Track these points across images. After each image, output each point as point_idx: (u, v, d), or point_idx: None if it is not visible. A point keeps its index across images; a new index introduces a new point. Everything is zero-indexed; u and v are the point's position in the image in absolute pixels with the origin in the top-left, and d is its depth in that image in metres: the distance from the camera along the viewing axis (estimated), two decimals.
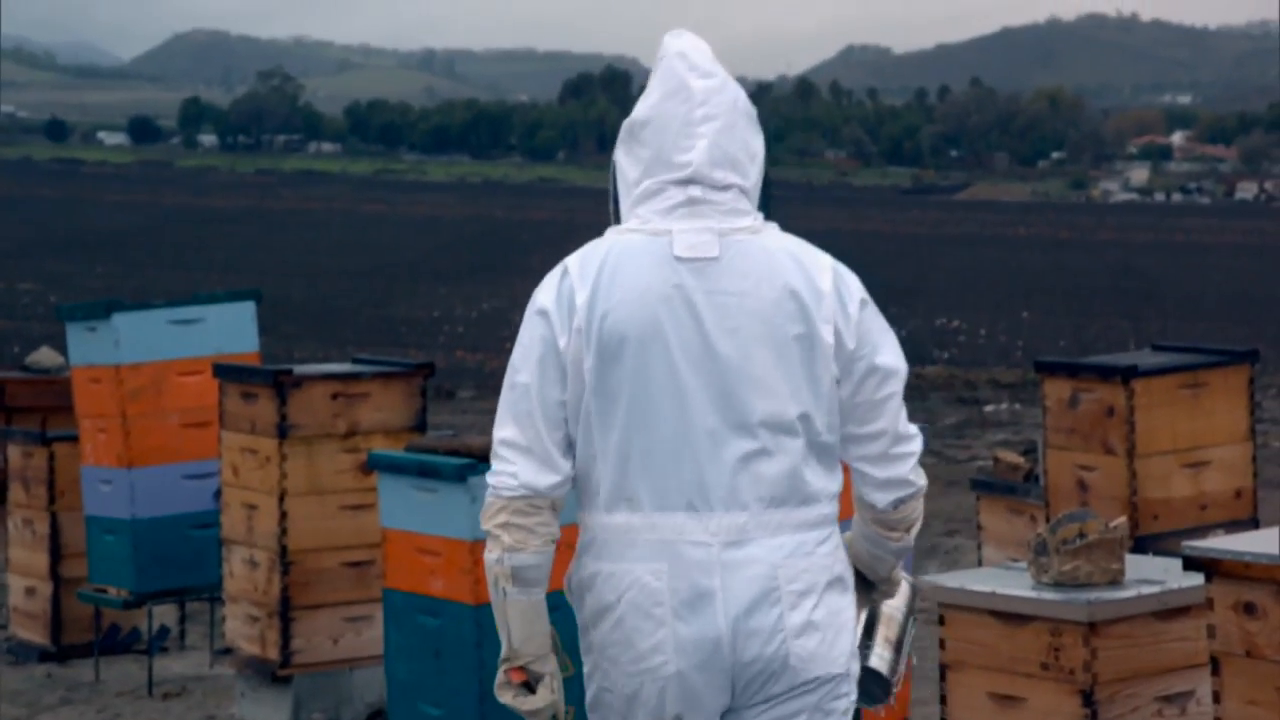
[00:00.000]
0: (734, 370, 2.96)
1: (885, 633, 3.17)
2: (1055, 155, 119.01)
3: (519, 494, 2.98)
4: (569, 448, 2.99)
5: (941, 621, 3.82)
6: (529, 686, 3.00)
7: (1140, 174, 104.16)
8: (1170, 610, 3.76)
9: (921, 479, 3.08)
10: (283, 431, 5.77)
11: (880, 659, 3.14)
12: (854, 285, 3.02)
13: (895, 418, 3.03)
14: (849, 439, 3.02)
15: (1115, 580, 3.77)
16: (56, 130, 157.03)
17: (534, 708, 2.99)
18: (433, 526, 4.81)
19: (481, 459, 4.81)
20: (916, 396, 22.15)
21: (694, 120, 3.03)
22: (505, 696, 3.01)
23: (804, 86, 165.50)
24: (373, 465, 5.00)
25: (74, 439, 6.89)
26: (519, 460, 2.98)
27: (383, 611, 5.05)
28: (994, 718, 3.75)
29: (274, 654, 5.83)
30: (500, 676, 3.01)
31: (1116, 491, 5.61)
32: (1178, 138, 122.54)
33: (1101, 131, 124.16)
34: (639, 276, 2.97)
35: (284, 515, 5.79)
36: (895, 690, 3.18)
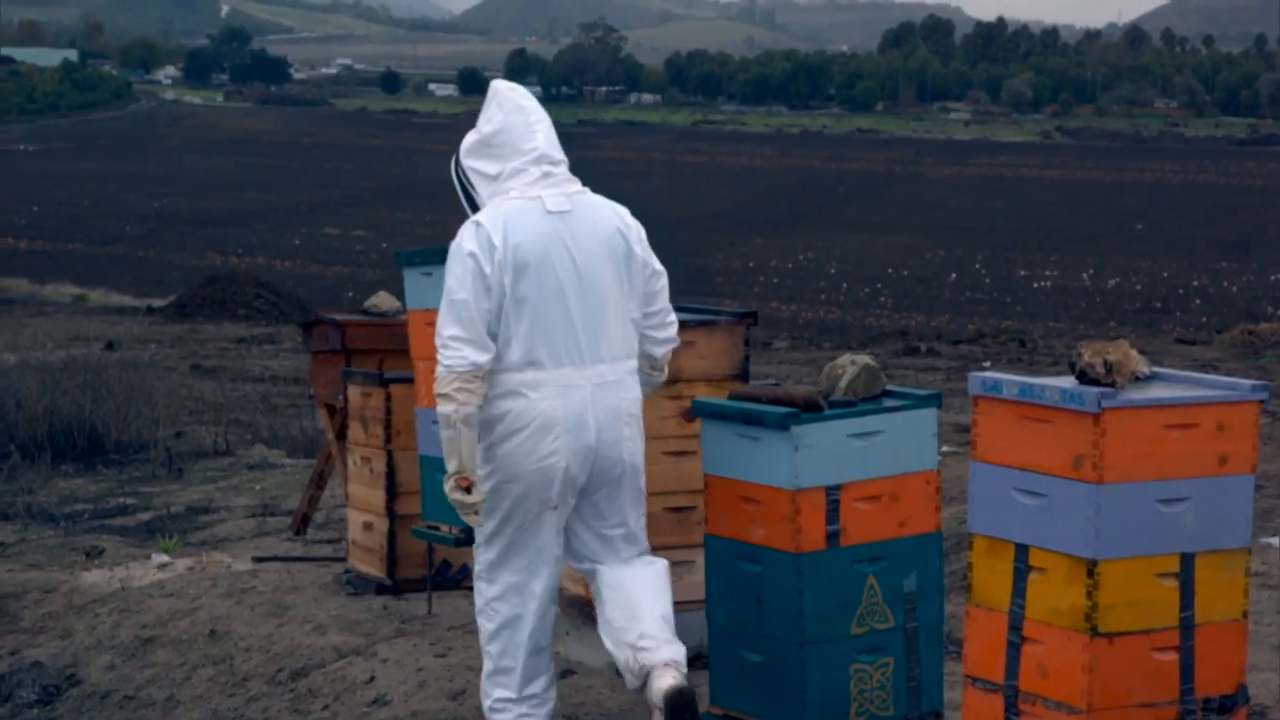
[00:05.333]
0: (591, 279, 4.79)
1: None
2: None
3: (469, 370, 4.70)
4: (493, 338, 4.73)
5: None
6: (468, 490, 4.72)
7: None
8: None
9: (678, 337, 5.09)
10: None
11: None
12: (639, 224, 4.91)
13: (666, 301, 4.98)
14: (643, 316, 4.92)
15: None
16: (391, 82, 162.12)
17: (475, 501, 4.74)
18: (755, 474, 4.83)
19: (805, 408, 4.81)
20: (1250, 355, 21.27)
21: (531, 123, 4.91)
22: (455, 495, 4.73)
23: (1134, 34, 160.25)
24: (697, 412, 5.04)
25: (409, 380, 7.08)
26: (465, 348, 4.71)
27: (704, 557, 5.10)
28: None
29: None
30: (450, 483, 4.73)
31: None
32: None
33: None
34: (530, 224, 4.78)
35: None
36: None
